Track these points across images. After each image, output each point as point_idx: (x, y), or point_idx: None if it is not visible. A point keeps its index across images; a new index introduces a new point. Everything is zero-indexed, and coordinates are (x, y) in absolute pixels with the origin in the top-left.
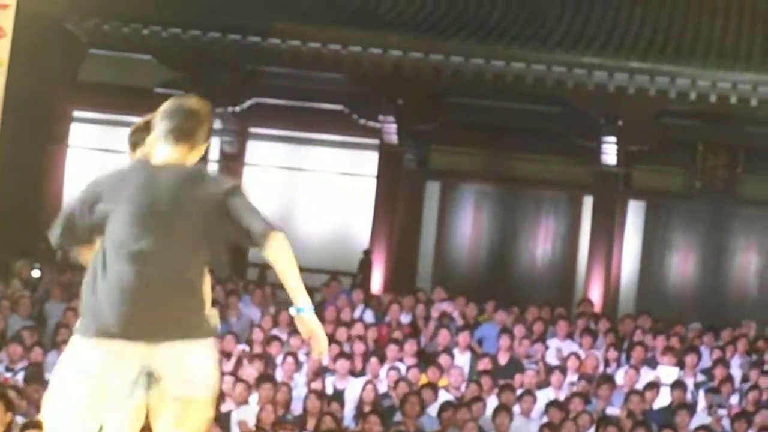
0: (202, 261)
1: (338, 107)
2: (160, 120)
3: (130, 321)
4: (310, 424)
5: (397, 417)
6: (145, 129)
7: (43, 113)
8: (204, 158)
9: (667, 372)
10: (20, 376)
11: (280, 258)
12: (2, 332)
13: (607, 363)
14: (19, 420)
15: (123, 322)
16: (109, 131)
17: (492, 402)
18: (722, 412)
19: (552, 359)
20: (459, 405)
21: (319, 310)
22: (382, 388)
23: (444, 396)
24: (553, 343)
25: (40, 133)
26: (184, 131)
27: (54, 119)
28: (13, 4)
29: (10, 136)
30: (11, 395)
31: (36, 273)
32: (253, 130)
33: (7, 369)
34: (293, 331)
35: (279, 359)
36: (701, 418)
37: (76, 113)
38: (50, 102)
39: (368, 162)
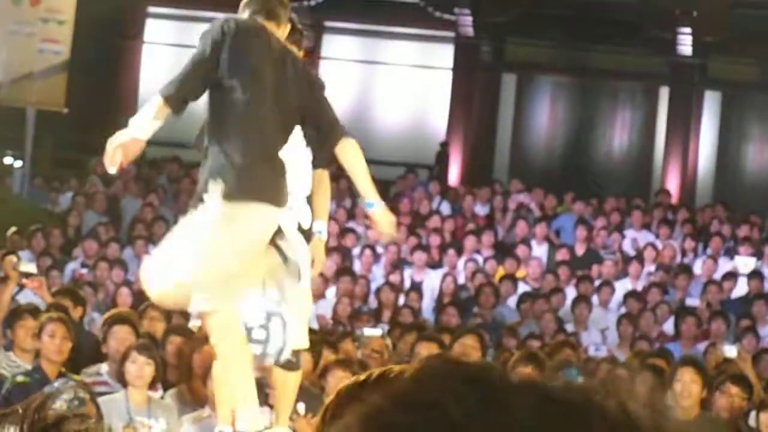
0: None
1: (413, 0)
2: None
3: None
4: (386, 316)
5: (475, 309)
6: None
7: (118, 9)
8: None
9: (744, 262)
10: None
11: (357, 157)
12: (78, 228)
13: (684, 253)
14: (96, 316)
15: None
16: (184, 27)
17: (570, 293)
18: None
19: (629, 250)
20: (537, 296)
21: (396, 202)
22: (460, 279)
23: (522, 287)
24: (630, 233)
25: (115, 30)
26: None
27: (129, 15)
28: None
29: (86, 32)
30: (87, 290)
31: (112, 169)
32: (328, 23)
33: (83, 265)
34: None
35: (357, 251)
36: None
37: (151, 9)
38: None
39: (444, 55)
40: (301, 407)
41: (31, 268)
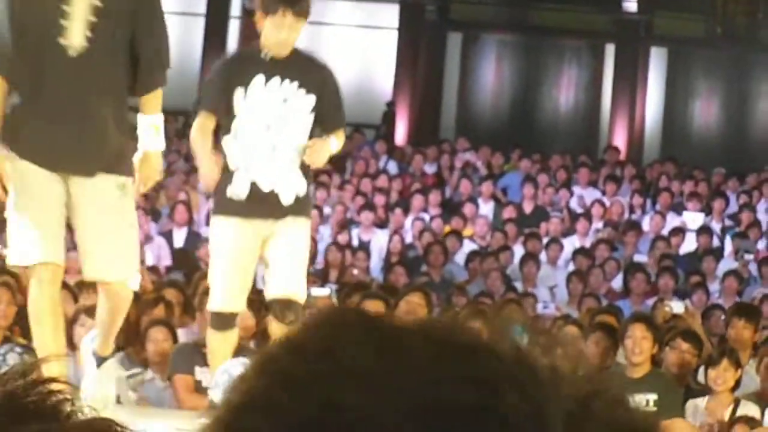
0: None
1: None
2: None
3: None
4: (333, 276)
5: (423, 267)
6: None
7: None
8: (225, 14)
9: (693, 217)
10: None
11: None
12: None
13: (632, 209)
14: None
15: None
16: None
17: (518, 250)
18: (749, 257)
19: (576, 207)
20: (485, 254)
21: (343, 162)
22: (407, 238)
23: (469, 245)
24: (577, 190)
25: None
26: None
27: None
28: None
29: None
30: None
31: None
32: None
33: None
34: (318, 184)
35: None
36: (728, 263)
37: None
38: None
39: (389, 15)
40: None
41: None
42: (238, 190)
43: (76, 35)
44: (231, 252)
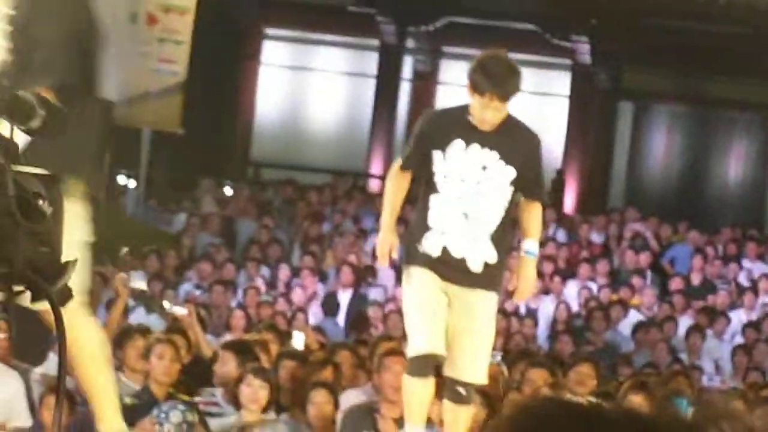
0: None
1: (531, 27)
2: None
3: None
4: (498, 343)
5: (587, 334)
6: None
7: (235, 31)
8: (396, 76)
9: None
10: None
11: None
12: (191, 250)
13: None
14: (210, 338)
15: None
16: (300, 49)
17: (684, 322)
18: None
19: (744, 280)
20: (651, 325)
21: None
22: (574, 307)
23: (635, 316)
24: (745, 263)
25: (232, 51)
26: None
27: (246, 37)
28: None
29: (203, 53)
30: (201, 313)
31: (227, 191)
32: (446, 49)
33: (197, 286)
34: None
35: None
36: None
37: (268, 30)
38: (242, 19)
39: (560, 82)
40: None
41: (142, 285)
42: (429, 249)
43: None
44: (425, 297)
